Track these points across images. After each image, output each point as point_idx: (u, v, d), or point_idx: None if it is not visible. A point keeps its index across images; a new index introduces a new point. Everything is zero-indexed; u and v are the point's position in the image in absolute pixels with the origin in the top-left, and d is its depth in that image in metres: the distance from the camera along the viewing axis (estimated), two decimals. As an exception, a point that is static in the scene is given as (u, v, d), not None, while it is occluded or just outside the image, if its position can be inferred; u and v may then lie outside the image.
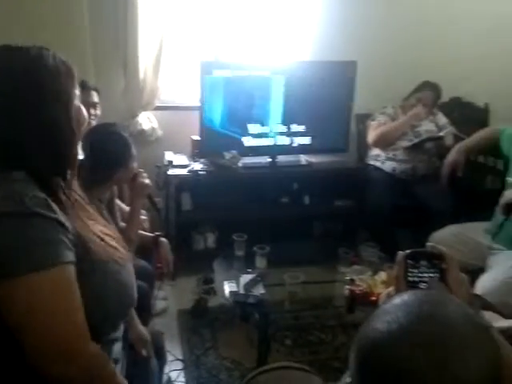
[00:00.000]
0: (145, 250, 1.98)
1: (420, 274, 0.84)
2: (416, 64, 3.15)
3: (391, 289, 0.86)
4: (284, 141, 2.90)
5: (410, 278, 0.83)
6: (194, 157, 2.89)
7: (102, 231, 1.08)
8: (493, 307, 1.80)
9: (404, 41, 3.21)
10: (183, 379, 2.02)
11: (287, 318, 2.37)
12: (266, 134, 2.86)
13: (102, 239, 1.05)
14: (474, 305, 0.81)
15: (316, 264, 2.25)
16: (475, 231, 2.22)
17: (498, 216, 2.05)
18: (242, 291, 1.96)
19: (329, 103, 2.91)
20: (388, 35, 3.14)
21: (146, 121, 2.96)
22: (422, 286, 0.83)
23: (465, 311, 0.64)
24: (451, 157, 2.38)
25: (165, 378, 1.78)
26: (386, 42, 3.17)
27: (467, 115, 3.45)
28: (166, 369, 1.73)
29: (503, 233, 2.03)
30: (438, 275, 0.83)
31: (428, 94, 3.00)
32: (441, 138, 2.93)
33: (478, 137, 2.42)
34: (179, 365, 2.09)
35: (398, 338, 0.59)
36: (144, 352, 1.36)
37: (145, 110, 2.93)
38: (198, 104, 2.76)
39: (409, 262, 0.84)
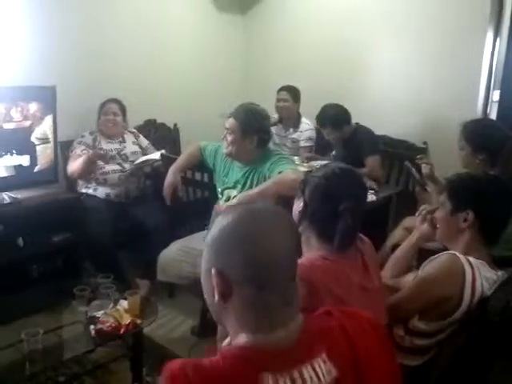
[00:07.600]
0: None
1: None
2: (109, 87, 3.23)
3: None
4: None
5: None
6: None
7: None
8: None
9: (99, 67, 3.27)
10: None
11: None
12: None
13: None
14: None
15: (47, 311, 2.06)
16: (197, 241, 2.46)
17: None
18: None
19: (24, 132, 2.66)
20: (86, 61, 3.18)
21: None
22: None
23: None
24: (169, 179, 2.56)
25: None
26: (83, 69, 3.17)
27: (162, 135, 3.76)
28: None
29: None
30: None
31: (113, 106, 3.04)
32: (158, 162, 3.03)
33: (184, 156, 2.67)
34: None
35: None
36: None
37: None
38: None
39: None
